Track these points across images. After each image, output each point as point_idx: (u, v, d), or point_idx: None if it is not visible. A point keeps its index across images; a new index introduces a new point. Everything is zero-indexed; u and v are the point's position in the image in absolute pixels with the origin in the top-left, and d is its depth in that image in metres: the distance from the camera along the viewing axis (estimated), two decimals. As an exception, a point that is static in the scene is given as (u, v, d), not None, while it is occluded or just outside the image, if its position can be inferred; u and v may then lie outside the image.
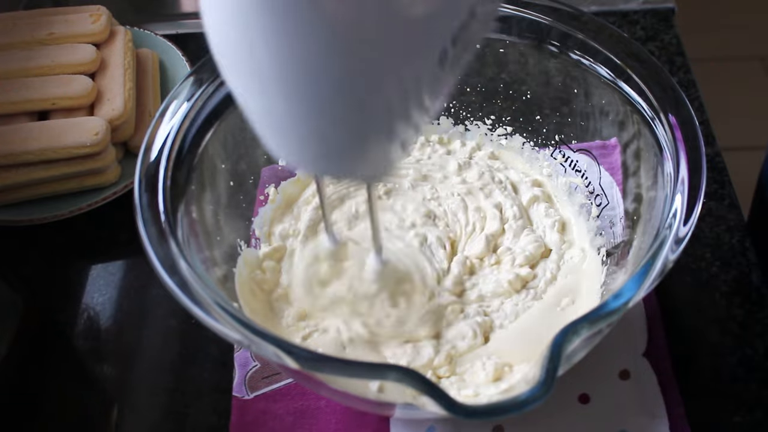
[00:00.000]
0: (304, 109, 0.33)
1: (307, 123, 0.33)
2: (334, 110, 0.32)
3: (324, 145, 0.35)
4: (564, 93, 0.56)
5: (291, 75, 0.31)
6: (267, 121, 0.35)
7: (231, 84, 0.35)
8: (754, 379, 0.52)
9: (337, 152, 0.36)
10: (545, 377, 0.36)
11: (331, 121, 0.33)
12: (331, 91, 0.31)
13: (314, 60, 0.30)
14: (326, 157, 0.36)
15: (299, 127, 0.34)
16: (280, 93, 0.32)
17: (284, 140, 0.36)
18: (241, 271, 0.53)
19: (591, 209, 0.56)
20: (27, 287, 0.63)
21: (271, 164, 0.59)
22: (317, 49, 0.30)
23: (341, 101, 0.32)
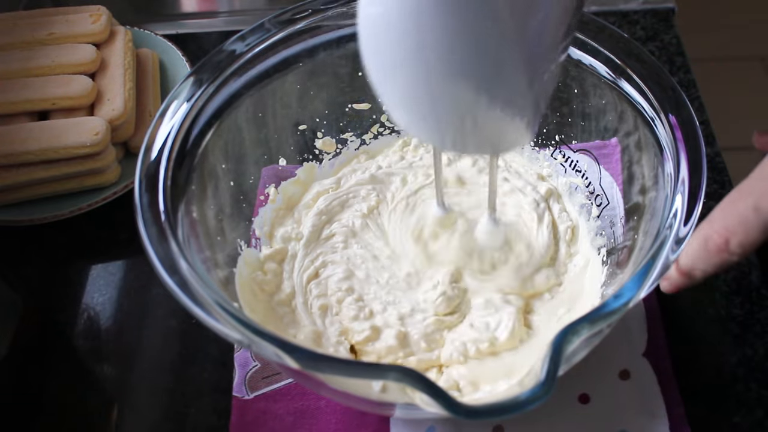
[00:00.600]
0: (465, 81, 0.36)
1: (466, 95, 0.37)
2: (491, 76, 0.36)
3: (460, 122, 0.39)
4: (564, 93, 0.56)
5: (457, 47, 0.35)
6: (420, 101, 0.38)
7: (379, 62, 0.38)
8: (754, 379, 0.52)
9: (472, 127, 0.39)
10: (545, 377, 0.36)
11: (487, 87, 0.37)
12: (490, 57, 0.35)
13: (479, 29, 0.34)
14: (460, 133, 0.40)
15: (458, 101, 0.38)
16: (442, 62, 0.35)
17: (420, 118, 0.39)
18: (242, 272, 0.53)
19: (591, 209, 0.56)
20: (27, 287, 0.63)
21: (271, 164, 0.59)
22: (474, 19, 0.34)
23: (499, 66, 0.36)
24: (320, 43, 0.56)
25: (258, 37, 0.54)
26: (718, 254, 0.44)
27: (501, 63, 0.35)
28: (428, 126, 0.40)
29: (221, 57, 0.53)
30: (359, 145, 0.63)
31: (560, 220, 0.57)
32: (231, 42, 0.53)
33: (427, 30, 0.34)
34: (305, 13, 0.55)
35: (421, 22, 0.34)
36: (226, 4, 0.87)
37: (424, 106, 0.39)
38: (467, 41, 0.34)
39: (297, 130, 0.60)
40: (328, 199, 0.58)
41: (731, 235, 0.44)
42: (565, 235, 0.56)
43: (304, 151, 0.61)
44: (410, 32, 0.35)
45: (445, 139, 0.41)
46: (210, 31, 0.81)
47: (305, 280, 0.55)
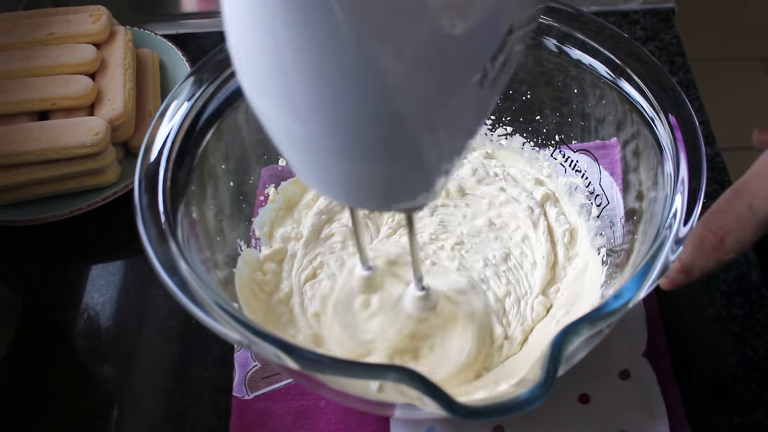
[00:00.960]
0: (342, 139, 0.31)
1: (347, 155, 0.32)
2: (375, 137, 0.31)
3: (365, 179, 0.33)
4: (564, 93, 0.56)
5: (327, 99, 0.29)
6: (303, 155, 0.33)
7: (261, 112, 0.33)
8: (754, 379, 0.52)
9: (377, 183, 0.34)
10: (545, 377, 0.36)
11: (372, 151, 0.31)
12: (371, 116, 0.30)
13: (353, 84, 0.28)
14: (367, 190, 0.34)
15: (339, 159, 0.32)
16: (315, 120, 0.30)
17: (321, 175, 0.34)
18: (242, 272, 0.53)
19: (591, 209, 0.56)
20: (27, 287, 0.63)
21: (271, 164, 0.59)
22: (356, 73, 0.28)
23: (381, 126, 0.30)
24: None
25: (258, 37, 0.54)
26: (714, 252, 0.44)
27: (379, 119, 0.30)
28: (321, 184, 0.36)
29: (221, 57, 0.52)
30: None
31: (557, 223, 0.56)
32: (231, 42, 0.53)
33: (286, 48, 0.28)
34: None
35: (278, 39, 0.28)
36: (226, 4, 0.87)
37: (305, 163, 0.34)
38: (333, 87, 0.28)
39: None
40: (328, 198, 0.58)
41: (726, 234, 0.44)
42: (563, 239, 0.56)
43: (304, 151, 0.61)
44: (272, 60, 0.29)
45: (337, 195, 0.36)
46: (210, 31, 0.81)
47: (302, 280, 0.55)
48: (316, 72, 0.28)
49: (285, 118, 0.31)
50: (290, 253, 0.56)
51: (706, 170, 0.44)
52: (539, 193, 0.58)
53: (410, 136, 0.31)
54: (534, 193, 0.58)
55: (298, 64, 0.28)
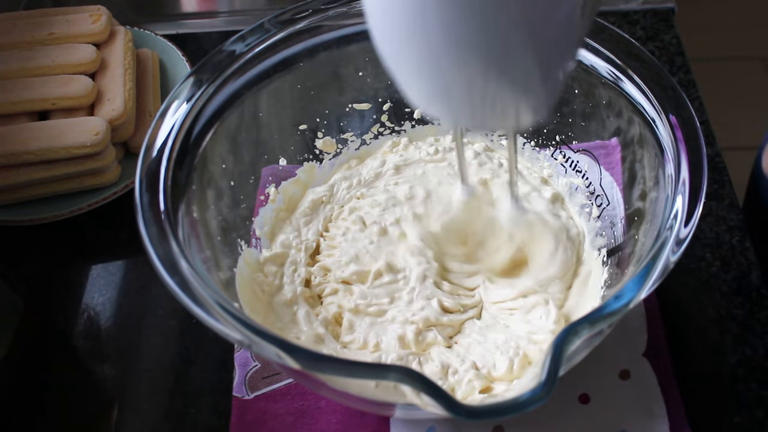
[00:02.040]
0: (473, 59, 0.35)
1: (473, 80, 0.37)
2: (499, 62, 0.36)
3: (484, 99, 0.38)
4: (564, 93, 0.56)
5: (462, 22, 0.34)
6: (436, 78, 0.38)
7: (389, 42, 0.37)
8: (754, 379, 0.52)
9: (496, 104, 0.39)
10: (546, 378, 0.36)
11: (493, 70, 0.36)
12: (497, 43, 0.35)
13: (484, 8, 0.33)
14: (485, 110, 0.39)
15: (465, 85, 0.37)
16: (448, 41, 0.35)
17: (443, 98, 0.39)
18: (242, 272, 0.53)
19: (592, 210, 0.56)
20: (27, 287, 0.63)
21: (271, 164, 0.59)
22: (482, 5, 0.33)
23: (505, 54, 0.35)
24: (320, 43, 0.56)
25: (258, 37, 0.54)
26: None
27: (507, 39, 0.35)
28: (441, 104, 0.40)
29: (221, 57, 0.53)
30: (359, 145, 0.63)
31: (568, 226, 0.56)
32: (231, 42, 0.53)
33: (430, 6, 0.34)
34: (305, 13, 0.55)
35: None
36: (226, 4, 0.87)
37: (434, 84, 0.38)
38: (469, 16, 0.34)
39: (297, 130, 0.60)
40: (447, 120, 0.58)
41: None
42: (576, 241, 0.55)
43: (304, 151, 0.61)
44: (413, 9, 0.34)
45: (460, 116, 0.41)
46: (210, 31, 0.81)
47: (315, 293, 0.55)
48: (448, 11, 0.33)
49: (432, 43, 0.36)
50: (291, 259, 0.56)
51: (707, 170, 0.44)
52: (548, 192, 0.58)
53: (525, 57, 0.36)
54: (543, 192, 0.58)
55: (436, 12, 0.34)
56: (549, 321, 0.50)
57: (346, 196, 0.60)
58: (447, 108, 0.40)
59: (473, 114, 0.40)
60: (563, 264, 0.53)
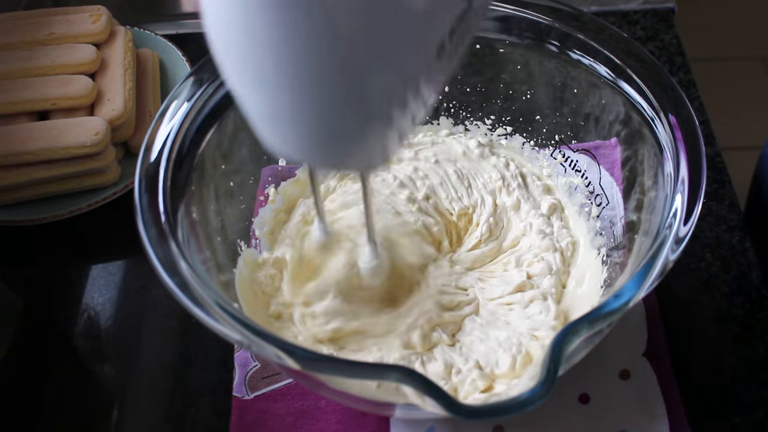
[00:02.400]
0: (304, 99, 0.33)
1: (307, 114, 0.33)
2: (334, 100, 0.32)
3: (322, 136, 0.35)
4: (564, 93, 0.56)
5: (291, 66, 0.31)
6: (265, 114, 0.35)
7: (227, 74, 0.34)
8: (754, 379, 0.52)
9: (335, 142, 0.35)
10: (545, 377, 0.36)
11: (330, 111, 0.33)
12: (332, 80, 0.31)
13: (315, 50, 0.30)
14: (324, 147, 0.36)
15: (298, 118, 0.34)
16: (280, 84, 0.32)
17: (281, 132, 0.36)
18: (242, 272, 0.53)
19: (591, 209, 0.56)
20: (27, 287, 0.63)
21: (271, 164, 0.59)
22: (318, 40, 0.30)
23: (341, 91, 0.32)
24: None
25: (258, 37, 0.54)
26: None
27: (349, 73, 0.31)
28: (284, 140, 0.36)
29: (221, 57, 0.52)
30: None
31: (560, 236, 0.56)
32: (231, 42, 0.53)
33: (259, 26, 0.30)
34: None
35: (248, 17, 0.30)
36: (226, 4, 0.87)
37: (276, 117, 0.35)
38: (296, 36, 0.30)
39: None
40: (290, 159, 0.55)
41: None
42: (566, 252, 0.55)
43: (304, 151, 0.61)
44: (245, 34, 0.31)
45: (299, 156, 0.37)
46: (210, 31, 0.81)
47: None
48: (284, 41, 0.30)
49: (256, 90, 0.33)
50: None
51: (706, 170, 0.44)
52: (546, 203, 0.58)
53: (368, 99, 0.32)
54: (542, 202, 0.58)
55: (268, 37, 0.30)
56: (549, 317, 0.50)
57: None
58: (290, 151, 0.37)
59: (314, 154, 0.37)
60: None
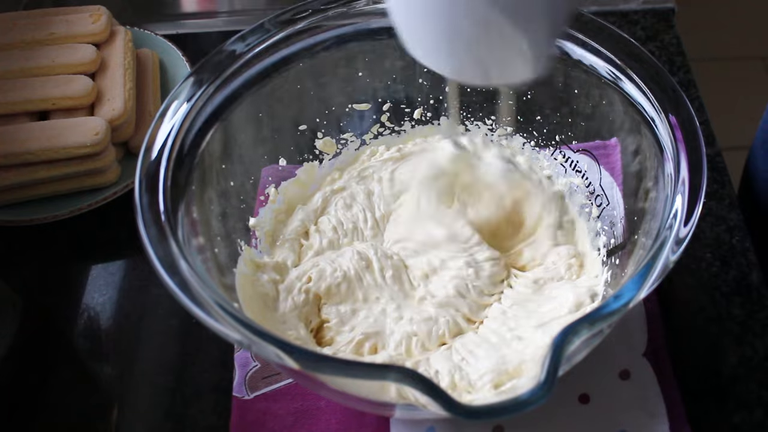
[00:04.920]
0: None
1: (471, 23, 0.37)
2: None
3: (481, 48, 0.39)
4: (564, 93, 0.56)
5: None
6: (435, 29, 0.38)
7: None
8: (754, 379, 0.52)
9: (493, 54, 0.39)
10: (546, 377, 0.36)
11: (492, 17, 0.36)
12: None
13: None
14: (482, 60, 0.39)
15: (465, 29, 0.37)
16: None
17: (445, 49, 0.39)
18: (242, 272, 0.53)
19: (591, 210, 0.56)
20: (27, 287, 0.63)
21: (271, 164, 0.59)
22: None
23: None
24: (320, 42, 0.56)
25: (258, 37, 0.54)
26: None
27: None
28: (442, 51, 0.40)
29: (221, 57, 0.53)
30: (359, 145, 0.62)
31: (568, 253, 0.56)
32: (231, 42, 0.53)
33: None
34: (305, 13, 0.55)
35: None
36: (226, 4, 0.87)
37: (437, 28, 0.38)
38: None
39: (297, 130, 0.60)
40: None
41: None
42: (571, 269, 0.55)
43: (304, 151, 0.61)
44: None
45: (461, 64, 0.41)
46: (210, 31, 0.81)
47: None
48: None
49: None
50: (287, 283, 0.55)
51: (707, 170, 0.44)
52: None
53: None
54: None
55: None
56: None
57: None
58: (448, 55, 0.40)
59: (475, 61, 0.40)
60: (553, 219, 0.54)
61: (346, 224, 0.57)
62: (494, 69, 0.41)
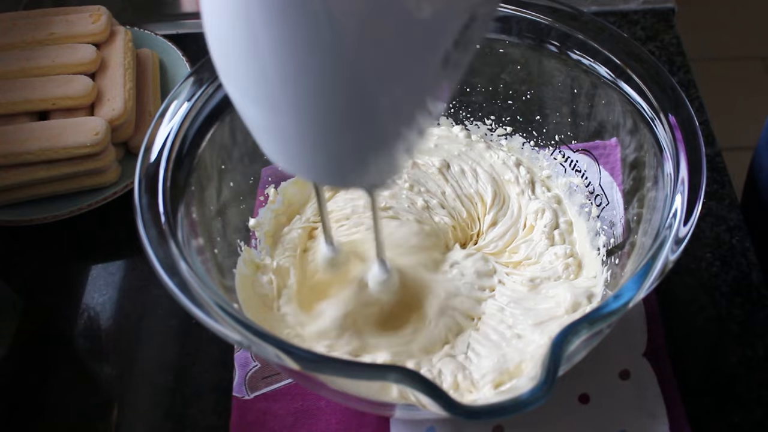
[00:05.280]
0: (310, 116, 0.32)
1: (313, 131, 0.33)
2: (340, 116, 0.32)
3: (329, 154, 0.35)
4: (564, 93, 0.56)
5: (297, 80, 0.31)
6: (270, 131, 0.35)
7: (231, 90, 0.34)
8: (755, 379, 0.52)
9: (342, 160, 0.35)
10: (546, 377, 0.36)
11: (337, 127, 0.33)
12: (337, 99, 0.31)
13: (320, 65, 0.30)
14: (330, 166, 0.36)
15: (304, 136, 0.34)
16: (285, 102, 0.32)
17: (285, 149, 0.36)
18: (242, 272, 0.53)
19: (591, 209, 0.56)
20: (27, 287, 0.63)
21: (271, 164, 0.59)
22: (324, 54, 0.30)
23: (348, 109, 0.32)
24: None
25: (258, 37, 0.54)
26: None
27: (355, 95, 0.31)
28: (292, 166, 0.37)
29: (221, 57, 0.52)
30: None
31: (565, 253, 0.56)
32: (231, 42, 0.53)
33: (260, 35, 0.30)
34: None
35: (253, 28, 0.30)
36: (226, 4, 0.87)
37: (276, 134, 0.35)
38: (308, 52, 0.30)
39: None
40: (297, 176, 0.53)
41: None
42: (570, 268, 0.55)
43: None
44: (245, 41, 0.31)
45: (306, 173, 0.37)
46: (210, 31, 0.81)
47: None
48: (290, 53, 0.30)
49: (260, 110, 0.33)
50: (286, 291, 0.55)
51: (706, 170, 0.44)
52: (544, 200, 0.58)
53: (375, 115, 0.32)
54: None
55: (274, 51, 0.30)
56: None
57: None
58: (297, 169, 0.37)
59: (320, 169, 0.36)
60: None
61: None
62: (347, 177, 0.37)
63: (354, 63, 0.30)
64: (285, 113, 0.32)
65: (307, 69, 0.30)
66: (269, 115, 0.33)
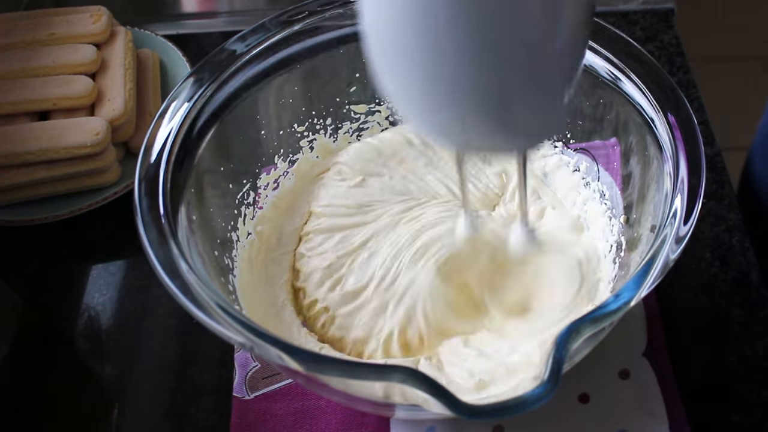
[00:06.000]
0: (483, 70, 0.34)
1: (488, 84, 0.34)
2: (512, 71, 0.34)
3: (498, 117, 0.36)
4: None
5: (471, 28, 0.32)
6: (438, 95, 0.36)
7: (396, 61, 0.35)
8: (754, 379, 0.52)
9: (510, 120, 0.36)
10: (549, 376, 0.36)
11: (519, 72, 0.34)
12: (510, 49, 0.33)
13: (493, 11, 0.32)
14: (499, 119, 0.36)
15: (477, 91, 0.35)
16: (460, 57, 0.33)
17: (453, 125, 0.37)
18: (243, 273, 0.53)
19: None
20: (27, 287, 0.63)
21: (271, 164, 0.59)
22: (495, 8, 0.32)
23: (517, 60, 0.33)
24: (319, 43, 0.56)
25: (258, 37, 0.54)
26: None
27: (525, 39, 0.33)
28: (447, 125, 0.37)
29: (221, 57, 0.53)
30: (359, 146, 0.62)
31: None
32: (231, 42, 0.53)
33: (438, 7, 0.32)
34: (304, 13, 0.55)
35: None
36: (226, 5, 0.87)
37: (439, 98, 0.35)
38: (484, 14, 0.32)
39: (297, 130, 0.60)
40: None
41: None
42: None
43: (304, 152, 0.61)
44: (418, 11, 0.32)
45: (468, 138, 0.38)
46: (210, 32, 0.81)
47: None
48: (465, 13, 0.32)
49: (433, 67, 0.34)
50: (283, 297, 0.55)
51: (706, 170, 0.44)
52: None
53: (549, 58, 0.34)
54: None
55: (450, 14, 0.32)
56: None
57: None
58: (453, 130, 0.37)
59: (484, 130, 0.37)
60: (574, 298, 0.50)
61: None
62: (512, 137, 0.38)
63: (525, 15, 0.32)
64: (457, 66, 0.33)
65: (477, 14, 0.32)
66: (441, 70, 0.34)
